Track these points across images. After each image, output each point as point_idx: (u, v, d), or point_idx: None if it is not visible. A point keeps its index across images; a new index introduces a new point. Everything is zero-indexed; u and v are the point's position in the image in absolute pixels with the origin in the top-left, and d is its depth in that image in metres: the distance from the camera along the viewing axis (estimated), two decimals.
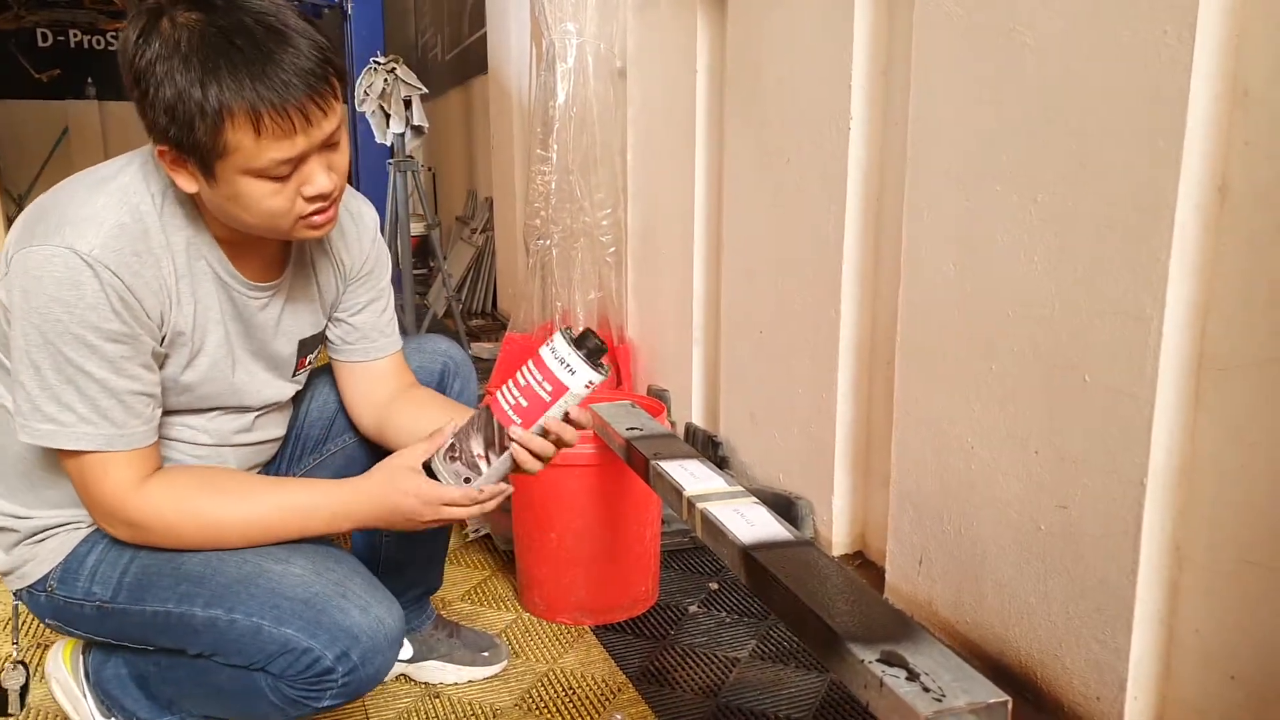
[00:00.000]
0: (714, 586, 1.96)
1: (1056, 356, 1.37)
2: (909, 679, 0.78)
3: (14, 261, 1.05)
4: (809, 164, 1.98)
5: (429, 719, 1.51)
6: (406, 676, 1.61)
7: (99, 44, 10.06)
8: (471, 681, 1.60)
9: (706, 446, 2.47)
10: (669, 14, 2.60)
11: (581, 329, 1.12)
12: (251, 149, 1.00)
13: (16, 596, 1.27)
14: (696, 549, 2.12)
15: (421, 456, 1.15)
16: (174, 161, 1.05)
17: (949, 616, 1.63)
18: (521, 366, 1.14)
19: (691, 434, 2.62)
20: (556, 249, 2.99)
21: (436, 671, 1.59)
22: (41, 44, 9.89)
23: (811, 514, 2.07)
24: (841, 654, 0.84)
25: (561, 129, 2.88)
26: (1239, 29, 1.13)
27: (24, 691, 1.33)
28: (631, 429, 1.49)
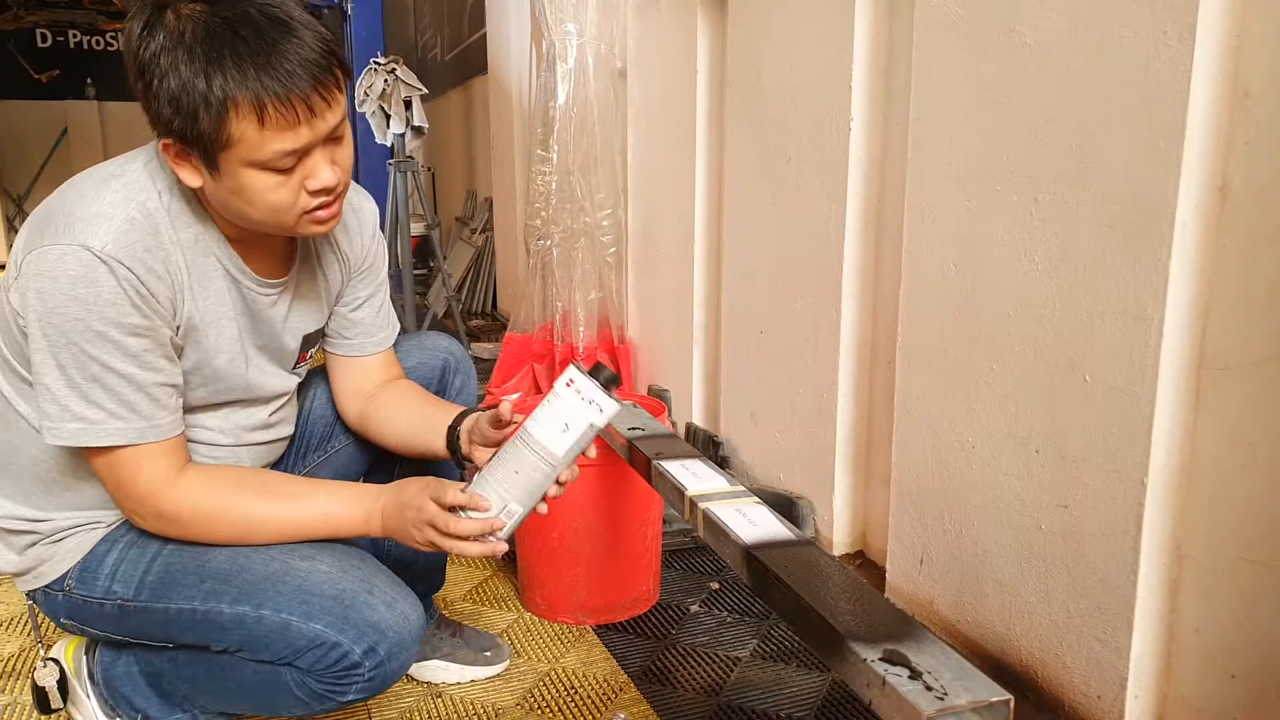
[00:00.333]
0: (715, 586, 1.96)
1: (1057, 356, 1.37)
2: (911, 677, 0.78)
3: (25, 264, 1.04)
4: (810, 164, 1.98)
5: (432, 718, 1.51)
6: (409, 676, 1.61)
7: (98, 44, 10.06)
8: (474, 681, 1.60)
9: (707, 446, 2.48)
10: (669, 14, 2.60)
11: (594, 365, 1.12)
12: (255, 140, 1.01)
13: (30, 597, 1.27)
14: (697, 549, 2.12)
15: (431, 496, 1.13)
16: (178, 155, 1.05)
17: (950, 616, 1.64)
18: (544, 406, 1.12)
19: (692, 434, 2.62)
20: (557, 249, 2.99)
21: (439, 671, 1.59)
22: (41, 44, 9.89)
23: (812, 514, 2.08)
24: (844, 653, 0.85)
25: (562, 129, 2.88)
26: (1239, 29, 1.13)
27: (62, 685, 1.33)
28: (633, 429, 1.49)
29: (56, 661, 1.35)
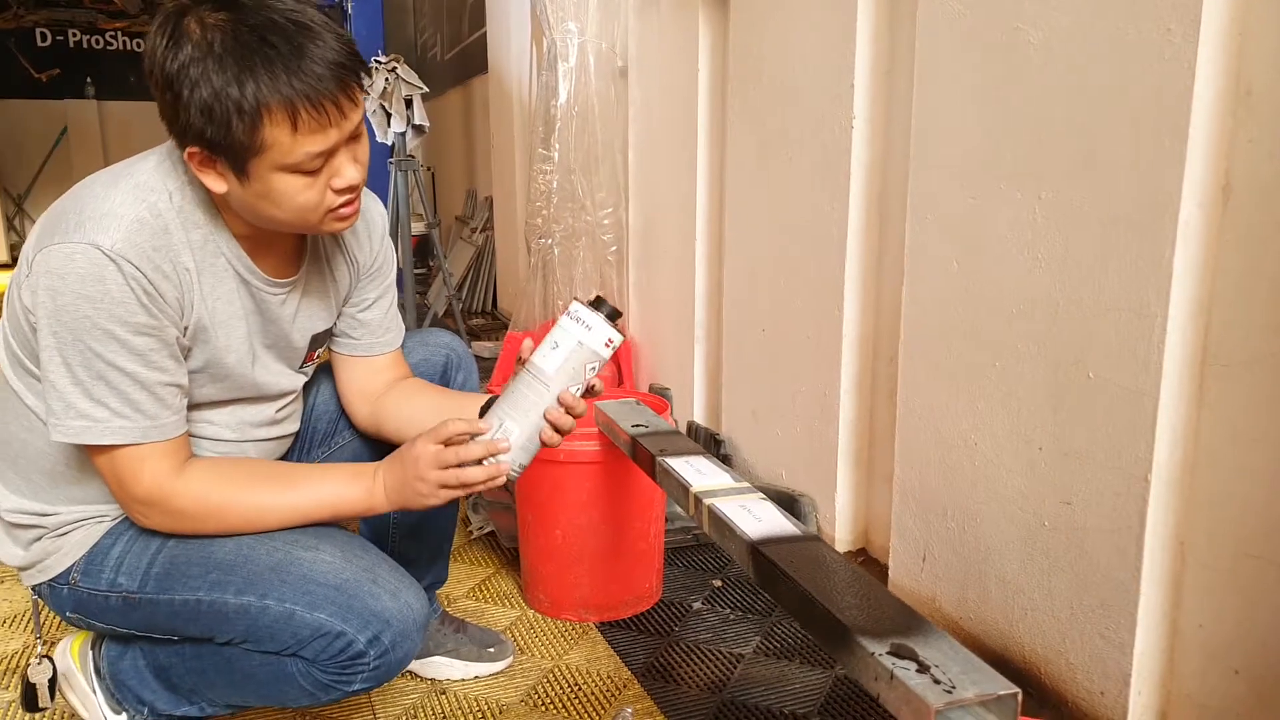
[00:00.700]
0: (717, 583, 1.97)
1: (1060, 353, 1.37)
2: (919, 671, 0.79)
3: (36, 262, 1.05)
4: (812, 163, 1.98)
5: (435, 715, 1.51)
6: (412, 673, 1.61)
7: (98, 44, 10.06)
8: (478, 678, 1.61)
9: (709, 444, 2.48)
10: (671, 13, 2.61)
11: (595, 299, 1.16)
12: (288, 144, 1.02)
13: (35, 591, 1.27)
14: (699, 546, 2.13)
15: (432, 440, 1.15)
16: (203, 163, 1.06)
17: (953, 613, 1.64)
18: (545, 336, 1.17)
19: (693, 432, 2.62)
20: (558, 248, 3.00)
21: (443, 667, 1.59)
22: (41, 44, 9.88)
23: (814, 511, 2.08)
24: (851, 647, 0.85)
25: (563, 128, 2.89)
26: (1242, 28, 1.14)
27: (53, 684, 1.34)
28: (637, 426, 1.50)
29: (51, 660, 1.35)
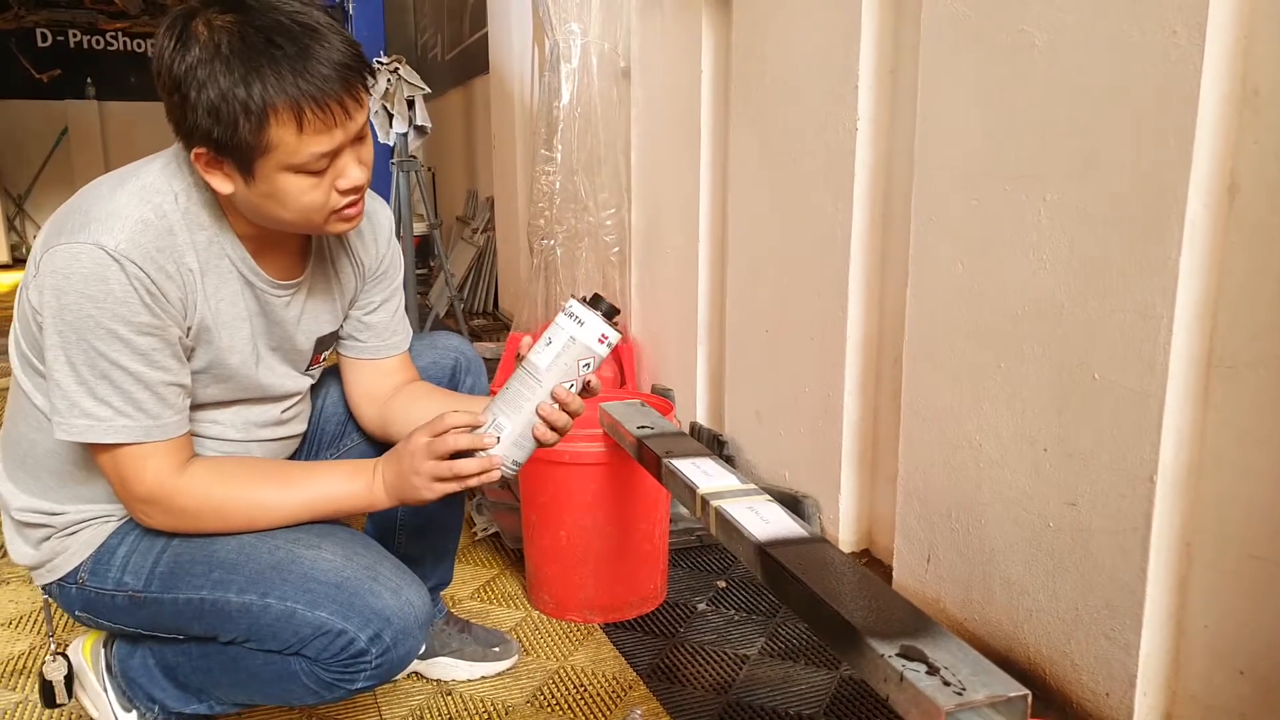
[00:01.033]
0: (722, 584, 1.97)
1: (1065, 354, 1.38)
2: (929, 673, 0.79)
3: (42, 262, 1.07)
4: (815, 164, 1.98)
5: (441, 716, 1.51)
6: (418, 674, 1.61)
7: (98, 44, 10.05)
8: (484, 678, 1.61)
9: (712, 445, 2.48)
10: (673, 14, 2.61)
11: (593, 296, 1.16)
12: (293, 144, 1.03)
13: (46, 591, 1.28)
14: (704, 547, 2.13)
15: (426, 432, 1.15)
16: (210, 163, 1.07)
17: (957, 614, 1.64)
18: (542, 333, 1.18)
19: (696, 433, 2.62)
20: (561, 249, 3.00)
21: (448, 668, 1.60)
22: (41, 44, 9.88)
23: (818, 512, 2.08)
24: (861, 649, 0.85)
25: (566, 129, 2.89)
26: (1248, 29, 1.14)
27: (69, 681, 1.35)
28: (642, 427, 1.50)
29: (65, 657, 1.37)
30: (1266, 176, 1.14)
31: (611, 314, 1.16)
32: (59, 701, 1.36)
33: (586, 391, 1.18)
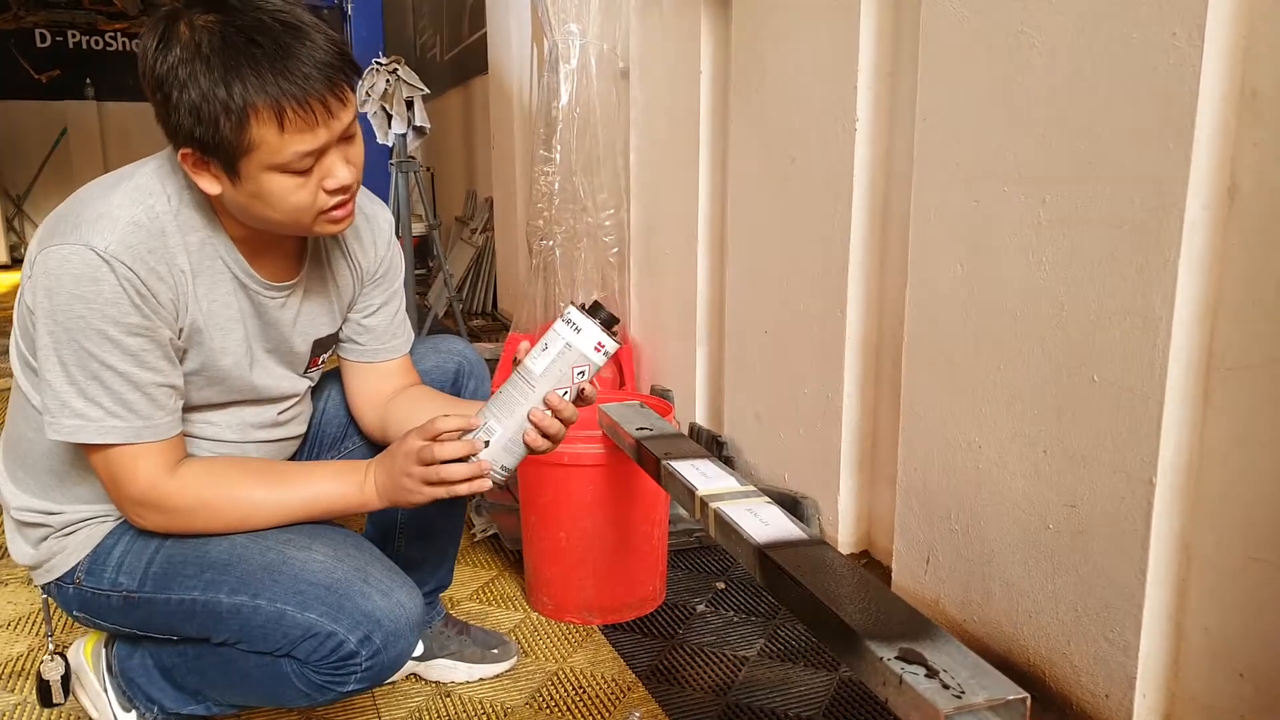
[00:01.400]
0: (721, 586, 1.97)
1: (1065, 356, 1.37)
2: (928, 676, 0.79)
3: (36, 263, 1.07)
4: (815, 165, 1.98)
5: (440, 718, 1.51)
6: (417, 676, 1.61)
7: (98, 45, 10.05)
8: (482, 679, 1.61)
9: (711, 446, 2.48)
10: (672, 15, 2.61)
11: (593, 304, 1.16)
12: (275, 143, 1.03)
13: (44, 591, 1.29)
14: (702, 549, 2.13)
15: (419, 436, 1.15)
16: (196, 164, 1.07)
17: (956, 615, 1.64)
18: (540, 339, 1.17)
19: (695, 434, 2.62)
20: (560, 249, 3.00)
21: (447, 670, 1.59)
22: (40, 44, 9.88)
23: (817, 513, 2.08)
24: (860, 652, 0.85)
25: (565, 130, 2.89)
26: (1248, 31, 1.14)
27: (65, 681, 1.35)
28: (641, 429, 1.50)
29: (63, 657, 1.37)
30: (1266, 178, 1.14)
31: (610, 323, 1.15)
32: (55, 701, 1.36)
33: (581, 400, 1.17)
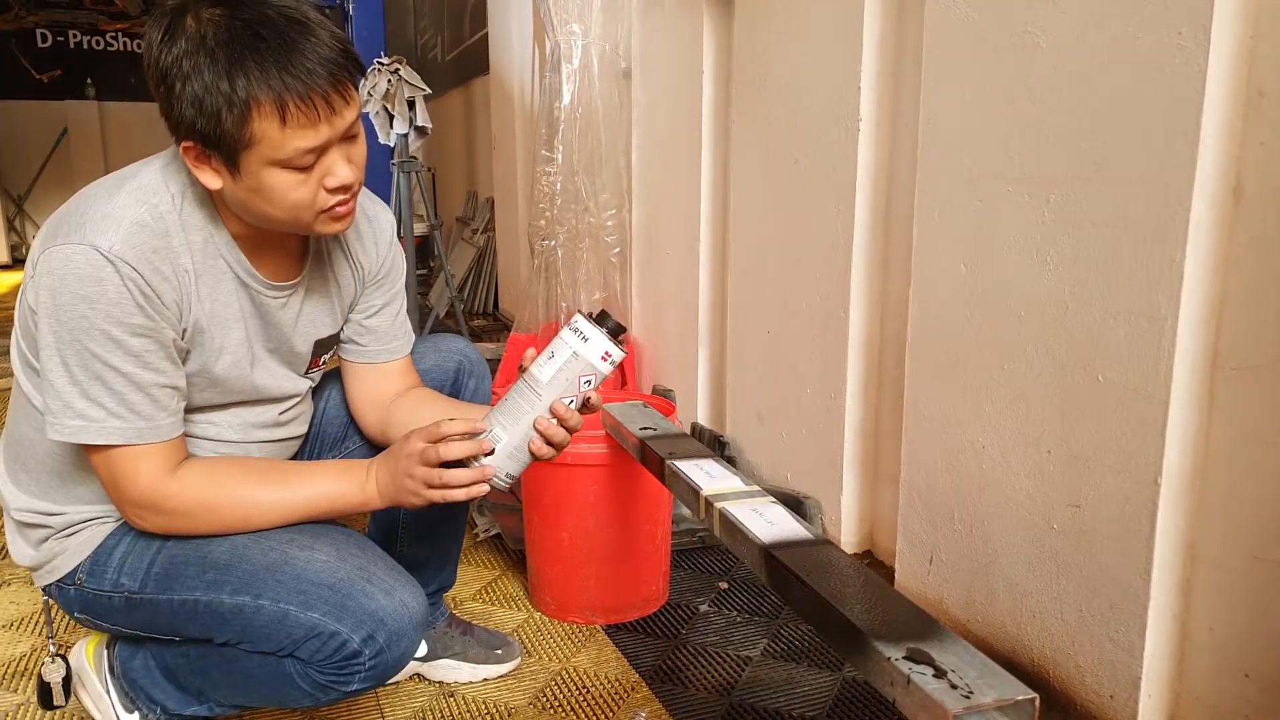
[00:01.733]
0: (724, 586, 1.97)
1: (1069, 356, 1.37)
2: (936, 676, 0.78)
3: (39, 263, 1.07)
4: (817, 165, 1.98)
5: (444, 718, 1.51)
6: (421, 676, 1.61)
7: (99, 45, 10.05)
8: (486, 680, 1.60)
9: (713, 446, 2.48)
10: (675, 15, 2.61)
11: (599, 312, 1.15)
12: (277, 138, 1.02)
13: (46, 592, 1.28)
14: (705, 549, 2.12)
15: (422, 437, 1.14)
16: (198, 158, 1.07)
17: (960, 615, 1.64)
18: (545, 347, 1.17)
19: (698, 434, 2.62)
20: (561, 249, 2.99)
21: (451, 670, 1.59)
22: (42, 44, 9.88)
23: (820, 513, 2.08)
24: (867, 652, 0.85)
25: (567, 130, 2.89)
26: (1253, 30, 1.14)
27: (66, 683, 1.35)
28: (645, 429, 1.50)
29: (64, 659, 1.36)
30: (1272, 179, 1.13)
31: (617, 331, 1.14)
32: (56, 704, 1.35)
33: (587, 408, 1.17)
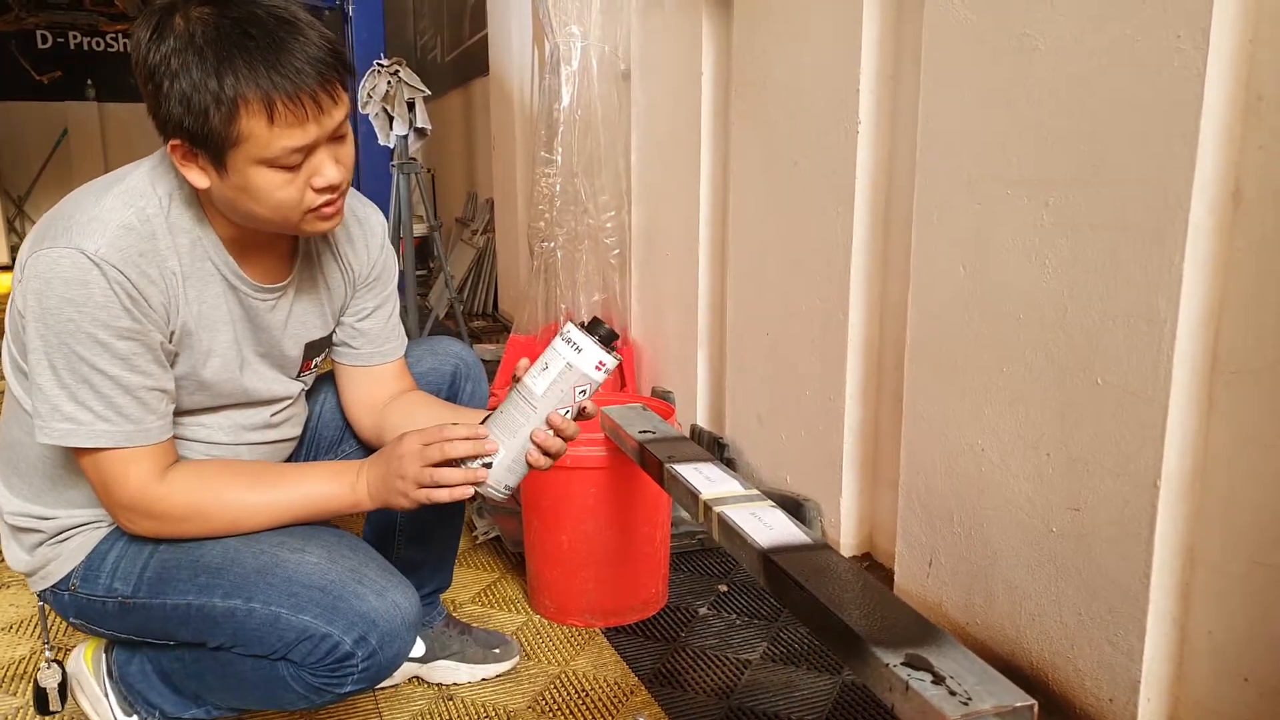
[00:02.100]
0: (723, 589, 1.96)
1: (1068, 359, 1.37)
2: (934, 682, 0.78)
3: (27, 266, 1.07)
4: (816, 167, 1.98)
5: None
6: (419, 679, 1.61)
7: (99, 46, 10.06)
8: (485, 680, 1.60)
9: (712, 448, 2.48)
10: (674, 16, 2.61)
11: (592, 320, 1.15)
12: (264, 137, 1.02)
13: (41, 597, 1.28)
14: (704, 551, 2.12)
15: (420, 439, 1.14)
16: (185, 156, 1.06)
17: (959, 618, 1.64)
18: (539, 356, 1.16)
19: (697, 436, 2.62)
20: (561, 251, 2.99)
21: (449, 671, 1.59)
22: (41, 46, 9.89)
23: (819, 516, 2.08)
24: (865, 657, 0.85)
25: (566, 132, 2.89)
26: (1252, 34, 1.13)
27: (63, 689, 1.35)
28: (644, 432, 1.49)
29: (60, 664, 1.36)
30: (1271, 182, 1.13)
31: (610, 339, 1.14)
32: (52, 709, 1.35)
33: (583, 416, 1.17)
